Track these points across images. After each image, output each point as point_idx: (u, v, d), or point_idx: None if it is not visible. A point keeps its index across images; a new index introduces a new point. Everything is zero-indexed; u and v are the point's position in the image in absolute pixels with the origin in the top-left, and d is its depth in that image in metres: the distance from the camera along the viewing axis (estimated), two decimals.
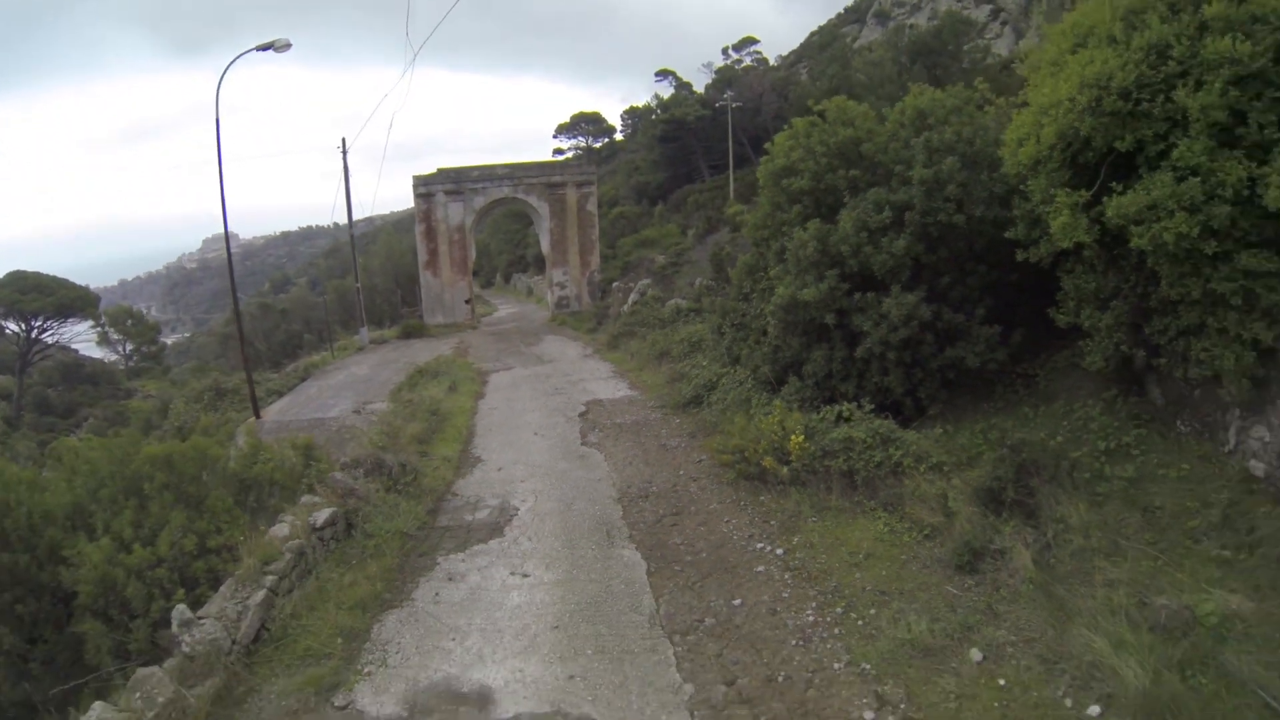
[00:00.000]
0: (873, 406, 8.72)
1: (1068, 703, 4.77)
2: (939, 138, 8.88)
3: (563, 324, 28.44)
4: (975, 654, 5.20)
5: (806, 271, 8.95)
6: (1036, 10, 31.73)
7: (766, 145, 11.10)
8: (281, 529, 6.98)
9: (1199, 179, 6.06)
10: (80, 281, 56.15)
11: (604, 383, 16.10)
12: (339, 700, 5.19)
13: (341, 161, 26.02)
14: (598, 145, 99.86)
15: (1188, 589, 5.74)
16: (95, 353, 58.86)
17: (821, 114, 10.40)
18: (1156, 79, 6.36)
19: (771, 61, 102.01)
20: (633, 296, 25.34)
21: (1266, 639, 5.14)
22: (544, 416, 13.10)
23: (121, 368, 59.04)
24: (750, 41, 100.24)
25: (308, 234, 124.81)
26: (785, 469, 8.03)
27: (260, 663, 5.64)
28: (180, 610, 5.76)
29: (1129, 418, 8.20)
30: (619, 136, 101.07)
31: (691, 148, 62.80)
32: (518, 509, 8.56)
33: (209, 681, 5.27)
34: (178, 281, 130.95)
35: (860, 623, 5.65)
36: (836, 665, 5.18)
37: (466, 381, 16.64)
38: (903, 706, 4.72)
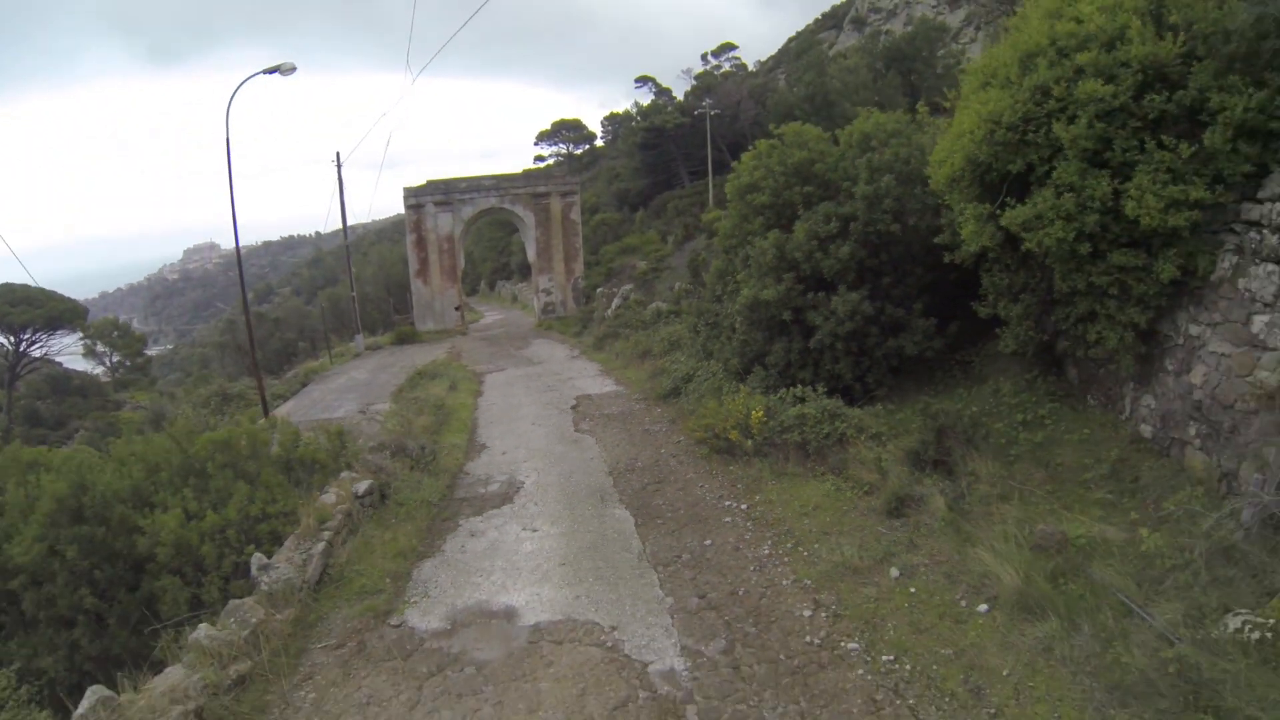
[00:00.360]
0: (826, 390, 10.26)
1: (963, 603, 6.26)
2: (879, 158, 10.46)
3: (549, 328, 29.88)
4: (894, 572, 6.71)
5: (767, 275, 10.50)
6: (986, 33, 33.57)
7: (733, 165, 12.66)
8: (329, 497, 8.40)
9: (1073, 194, 7.64)
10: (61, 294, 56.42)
11: (592, 380, 17.59)
12: (393, 621, 6.62)
13: (336, 175, 27.36)
14: (578, 152, 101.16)
15: (1071, 523, 7.28)
16: (80, 365, 59.33)
17: (781, 137, 11.97)
18: (1040, 114, 7.95)
19: (750, 67, 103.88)
20: (616, 301, 26.84)
21: (1127, 557, 6.63)
22: (539, 410, 14.56)
23: (108, 380, 59.45)
24: (729, 47, 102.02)
25: (290, 243, 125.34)
26: (749, 442, 9.56)
27: (324, 598, 7.06)
28: (258, 557, 7.17)
29: (1046, 394, 9.81)
30: (599, 143, 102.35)
31: (671, 154, 64.02)
32: (523, 483, 10.03)
33: (287, 610, 6.68)
34: (159, 293, 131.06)
35: (805, 553, 7.17)
36: (784, 582, 6.68)
37: (464, 382, 18.06)
38: (833, 607, 6.22)
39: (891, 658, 5.47)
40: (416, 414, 13.30)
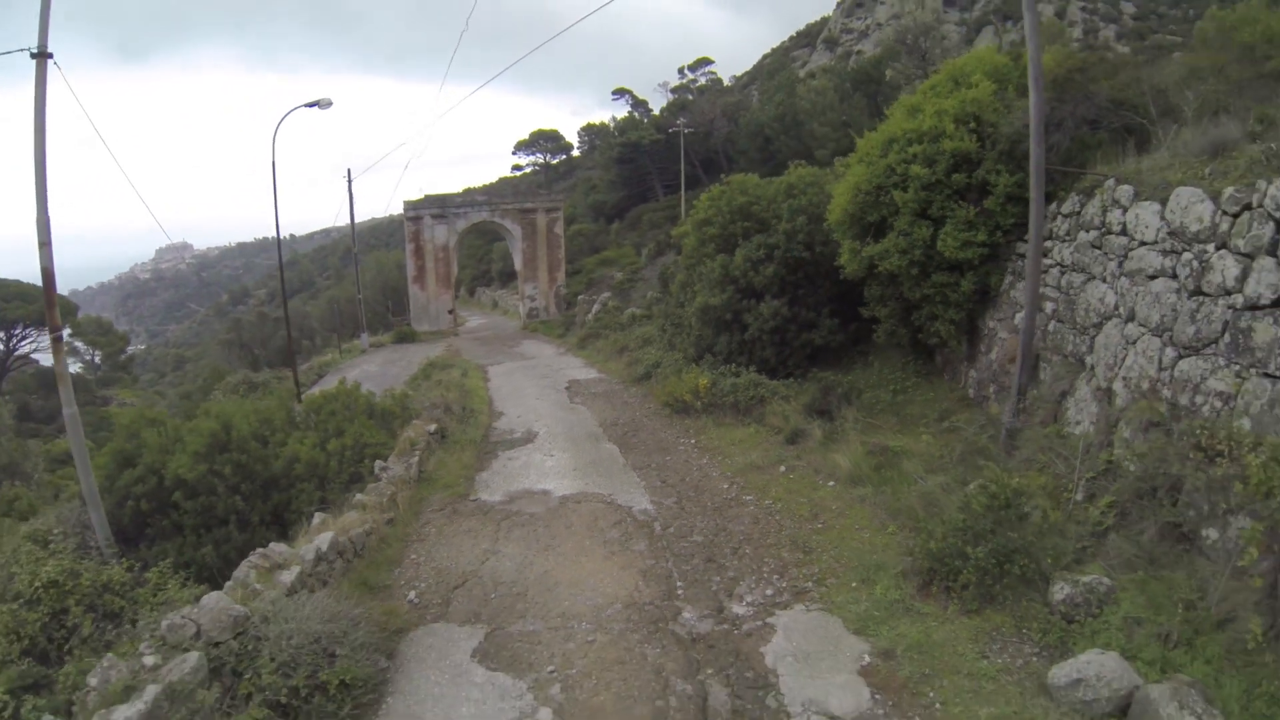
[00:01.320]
0: (756, 369, 14.79)
1: (818, 481, 10.71)
2: (796, 204, 15.09)
3: (535, 330, 34.23)
4: (781, 468, 11.24)
5: (715, 287, 15.08)
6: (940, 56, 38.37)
7: (695, 203, 17.29)
8: (410, 433, 12.73)
9: (906, 237, 12.27)
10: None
11: (579, 370, 22.04)
12: (471, 498, 10.98)
13: (347, 190, 31.55)
14: (555, 161, 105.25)
15: (893, 441, 11.84)
16: (49, 362, 61.76)
17: (729, 183, 16.60)
18: (888, 183, 12.59)
19: (725, 81, 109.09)
20: (595, 307, 31.31)
21: (927, 460, 11.16)
22: (539, 390, 18.98)
23: (91, 377, 62.06)
24: (705, 62, 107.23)
25: (264, 245, 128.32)
26: (699, 403, 14.09)
27: (423, 487, 11.40)
28: (379, 463, 11.49)
29: (913, 372, 14.44)
30: (576, 153, 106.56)
31: (647, 169, 68.24)
32: (538, 432, 14.43)
33: (404, 490, 11.02)
34: (130, 292, 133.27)
35: (728, 461, 11.70)
36: (713, 474, 11.20)
37: (472, 371, 22.39)
38: (740, 483, 10.73)
39: (770, 502, 9.98)
40: (445, 391, 17.62)
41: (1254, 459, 5.80)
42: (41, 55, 10.15)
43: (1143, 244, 8.35)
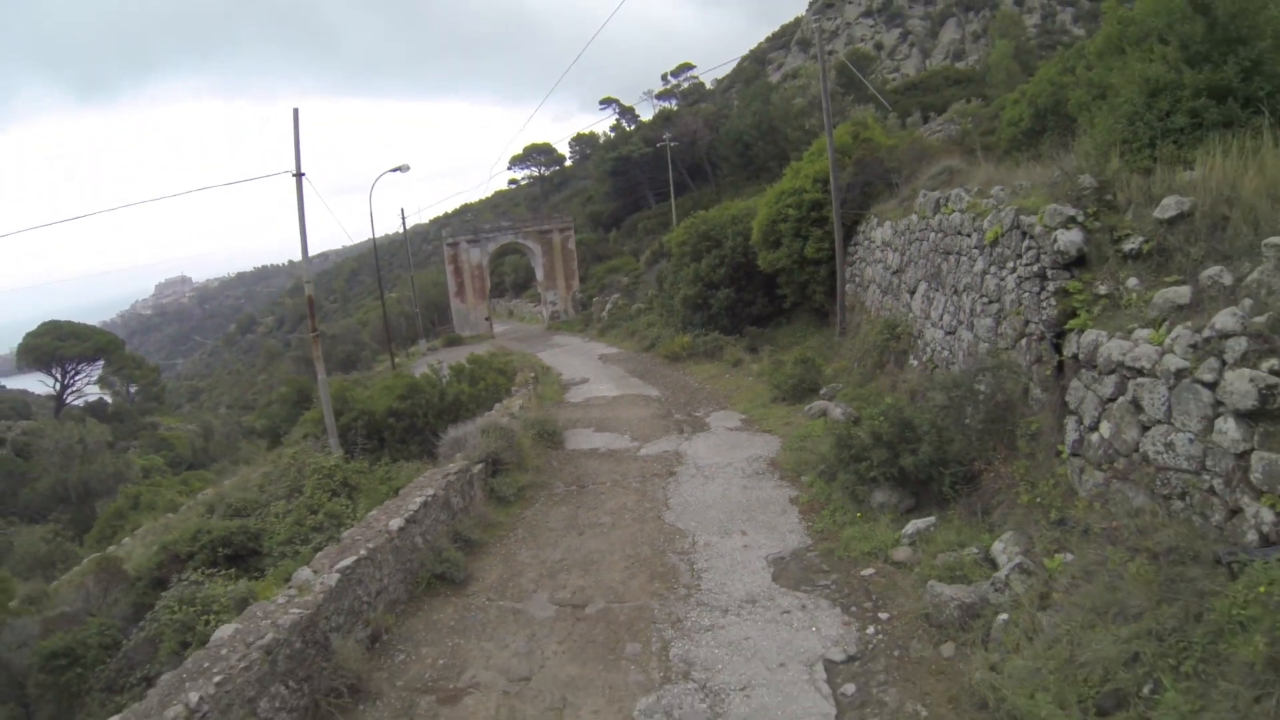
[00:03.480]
0: (719, 332, 26.72)
1: (745, 380, 22.61)
2: (736, 229, 27.05)
3: (559, 329, 46.22)
4: (726, 376, 23.23)
5: (690, 283, 27.10)
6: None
7: (673, 230, 29.40)
8: (520, 378, 24.65)
9: (787, 249, 24.28)
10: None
11: (603, 349, 34.07)
12: (566, 400, 22.98)
13: (400, 221, 43.52)
14: (548, 173, 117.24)
15: (787, 356, 23.86)
16: (94, 394, 73.64)
17: (696, 216, 28.60)
18: (779, 219, 24.61)
19: (708, 84, 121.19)
20: (608, 306, 43.30)
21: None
22: (580, 360, 30.95)
23: (129, 406, 73.40)
24: (687, 67, 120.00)
25: (263, 274, 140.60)
26: (684, 353, 26.13)
27: (536, 398, 23.41)
28: (506, 403, 23.41)
29: (814, 328, 26.50)
30: (568, 163, 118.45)
31: (638, 179, 79.78)
32: (589, 377, 26.41)
33: (531, 398, 22.96)
34: (135, 329, 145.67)
35: (698, 376, 23.78)
36: (691, 382, 23.28)
37: (526, 355, 34.38)
38: (706, 383, 22.78)
39: (717, 387, 22.00)
40: (524, 364, 29.52)
41: (906, 333, 17.77)
42: (298, 175, 21.96)
43: (880, 246, 20.32)
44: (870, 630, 7.94)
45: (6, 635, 15.18)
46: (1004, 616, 7.28)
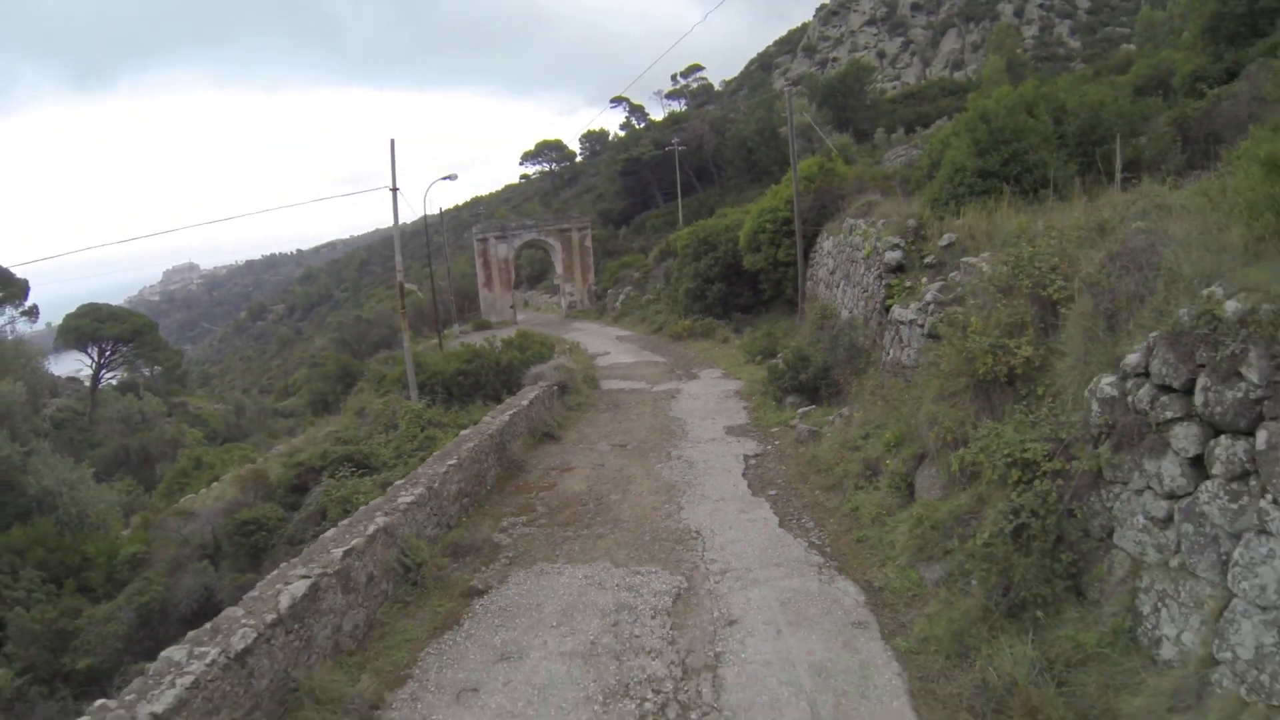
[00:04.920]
0: (713, 317, 36.05)
1: (731, 352, 31.96)
2: (728, 235, 36.39)
3: (576, 317, 55.58)
4: (716, 350, 32.62)
5: (691, 279, 36.53)
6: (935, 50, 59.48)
7: (677, 233, 38.85)
8: (560, 348, 33.97)
9: (764, 254, 33.67)
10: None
11: (619, 331, 43.52)
12: (595, 364, 32.40)
13: (422, 207, 52.80)
14: (559, 168, 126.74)
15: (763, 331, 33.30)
16: (113, 377, 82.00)
17: (696, 225, 37.94)
18: (760, 231, 34.01)
19: (716, 86, 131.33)
20: (621, 297, 52.68)
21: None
22: (600, 340, 40.35)
23: (157, 386, 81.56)
24: (696, 69, 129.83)
25: (272, 261, 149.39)
26: (685, 334, 35.55)
27: (573, 362, 32.82)
28: (539, 370, 32.78)
29: (786, 316, 35.94)
30: (579, 159, 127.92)
31: (647, 179, 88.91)
32: (609, 351, 35.84)
33: (575, 366, 32.29)
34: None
35: (696, 349, 33.27)
36: (689, 353, 32.82)
37: (555, 337, 43.72)
38: (699, 354, 32.27)
39: (708, 357, 31.43)
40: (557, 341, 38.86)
41: (832, 313, 27.20)
42: (393, 190, 31.28)
43: (826, 254, 29.67)
44: (768, 447, 17.34)
45: (200, 516, 24.34)
46: (826, 430, 16.64)
